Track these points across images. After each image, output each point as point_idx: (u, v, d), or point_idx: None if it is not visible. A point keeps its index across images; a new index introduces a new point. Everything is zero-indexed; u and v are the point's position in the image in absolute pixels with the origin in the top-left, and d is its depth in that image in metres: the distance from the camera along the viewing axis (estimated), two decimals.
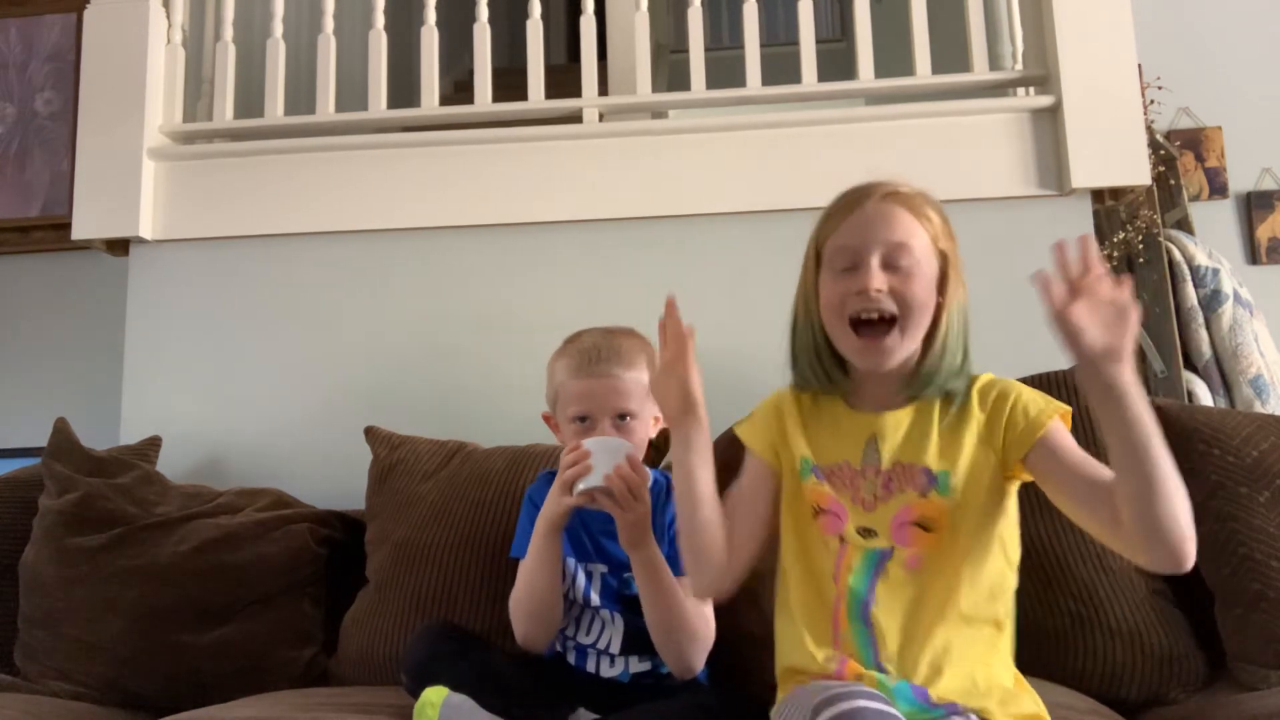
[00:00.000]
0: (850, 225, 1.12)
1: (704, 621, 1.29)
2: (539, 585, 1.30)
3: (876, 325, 1.08)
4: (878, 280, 1.07)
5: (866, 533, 1.08)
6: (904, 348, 1.09)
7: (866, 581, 1.05)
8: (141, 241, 2.09)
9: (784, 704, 0.90)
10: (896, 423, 1.11)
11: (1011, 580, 1.08)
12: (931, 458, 1.07)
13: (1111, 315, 0.91)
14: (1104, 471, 0.99)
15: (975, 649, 1.03)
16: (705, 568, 1.13)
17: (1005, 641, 1.07)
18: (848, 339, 1.10)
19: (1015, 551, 1.09)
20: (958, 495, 1.05)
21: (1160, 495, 0.92)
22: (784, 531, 1.15)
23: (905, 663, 1.02)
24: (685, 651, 1.28)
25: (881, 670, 1.01)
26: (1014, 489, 1.09)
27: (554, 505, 1.28)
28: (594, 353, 1.35)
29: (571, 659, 1.37)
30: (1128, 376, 0.92)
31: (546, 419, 1.45)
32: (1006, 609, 1.07)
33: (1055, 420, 1.06)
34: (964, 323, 1.12)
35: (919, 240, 1.10)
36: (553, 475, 1.44)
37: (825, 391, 1.17)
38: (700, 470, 1.13)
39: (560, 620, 1.34)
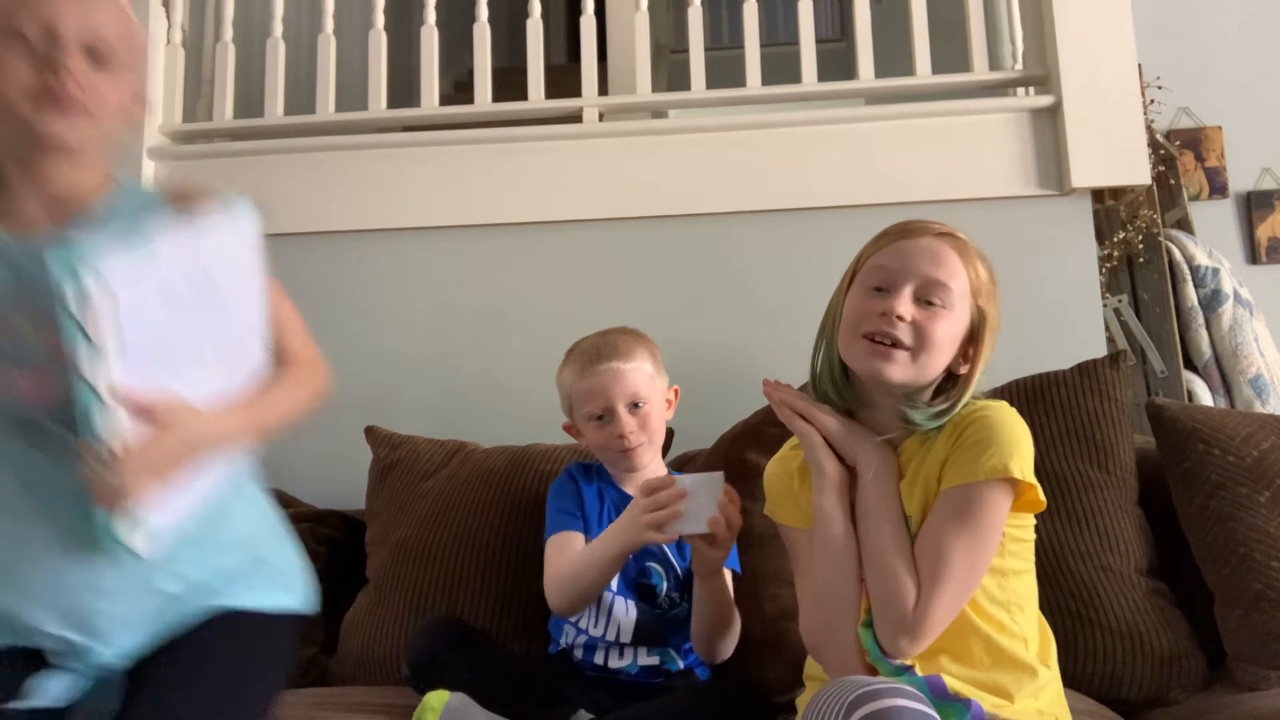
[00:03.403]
0: (897, 249, 1.10)
1: (738, 620, 1.36)
2: (589, 581, 1.31)
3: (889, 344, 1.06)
4: (904, 307, 1.05)
5: None
6: (910, 372, 1.06)
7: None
8: None
9: (815, 698, 0.89)
10: None
11: (1013, 595, 1.05)
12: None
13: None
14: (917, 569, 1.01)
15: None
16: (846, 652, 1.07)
17: (1015, 645, 1.04)
18: (856, 346, 1.08)
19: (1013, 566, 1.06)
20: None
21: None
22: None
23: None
24: (722, 648, 1.34)
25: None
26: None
27: (636, 536, 1.25)
28: (593, 352, 1.40)
29: (579, 654, 1.38)
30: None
31: (567, 429, 1.47)
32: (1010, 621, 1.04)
33: (988, 483, 1.00)
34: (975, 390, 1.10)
35: (958, 284, 1.07)
36: (582, 468, 1.46)
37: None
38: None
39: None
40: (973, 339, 1.09)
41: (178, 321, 0.92)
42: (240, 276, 1.02)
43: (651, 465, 1.43)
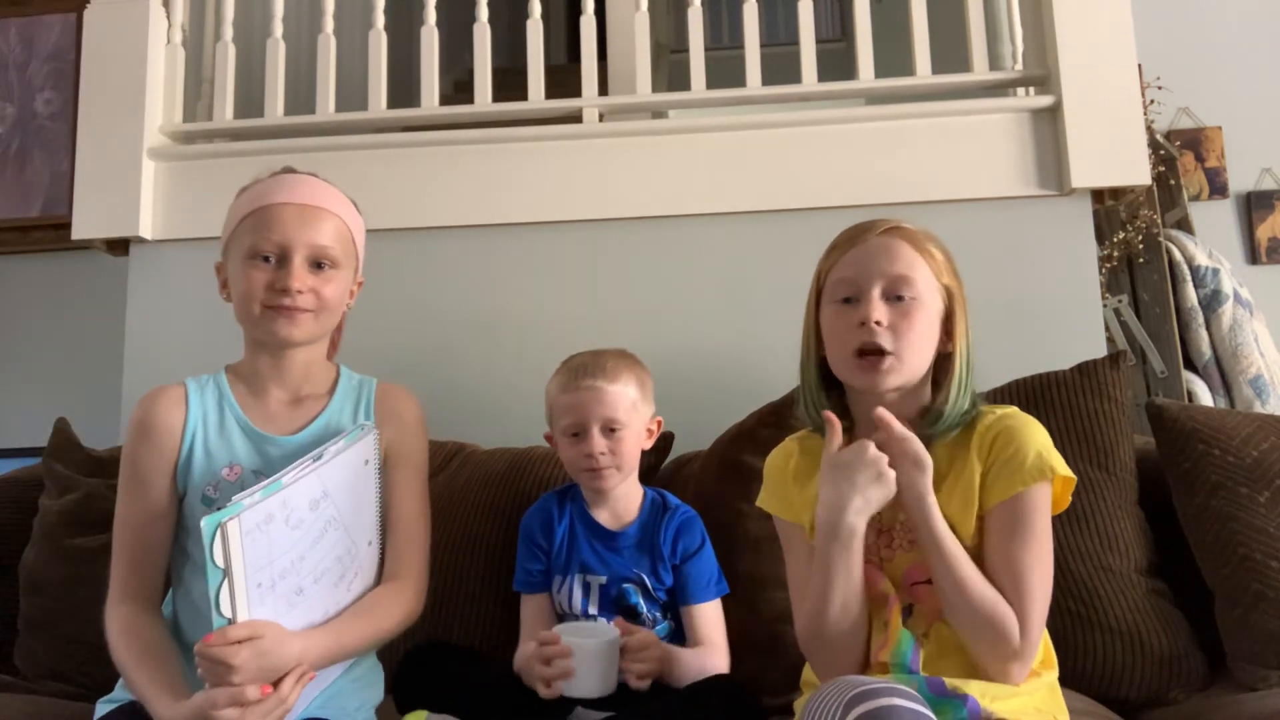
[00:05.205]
0: (851, 257, 1.12)
1: (715, 653, 1.36)
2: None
3: (875, 355, 1.08)
4: (878, 311, 1.07)
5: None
6: (901, 375, 1.08)
7: (910, 643, 1.06)
8: (141, 241, 2.09)
9: (813, 698, 0.89)
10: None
11: None
12: None
13: None
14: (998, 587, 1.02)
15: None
16: (854, 654, 1.09)
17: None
18: (848, 364, 1.10)
19: None
20: None
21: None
22: None
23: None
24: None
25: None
26: None
27: (530, 683, 1.26)
28: (581, 369, 1.40)
29: None
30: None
31: (548, 438, 1.48)
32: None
33: (1038, 486, 1.04)
34: (971, 364, 1.11)
35: (921, 273, 1.09)
36: (559, 495, 1.46)
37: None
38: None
39: None
40: (950, 317, 1.12)
41: (300, 542, 1.10)
42: (357, 495, 1.20)
43: (620, 489, 1.43)
